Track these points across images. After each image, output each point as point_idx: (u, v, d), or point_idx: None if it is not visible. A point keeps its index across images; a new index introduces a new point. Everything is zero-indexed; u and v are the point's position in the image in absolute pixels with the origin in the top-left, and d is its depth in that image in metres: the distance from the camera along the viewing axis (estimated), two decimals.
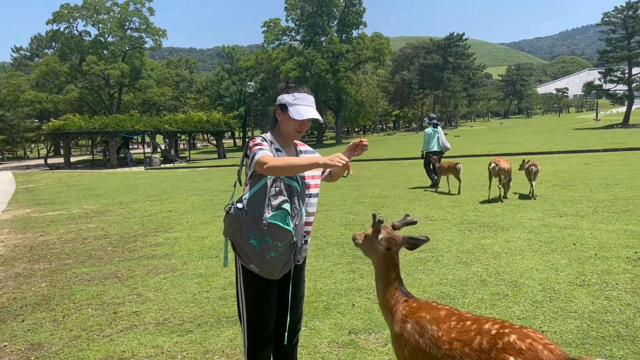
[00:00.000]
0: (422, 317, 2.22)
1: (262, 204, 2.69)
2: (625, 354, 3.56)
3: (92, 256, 7.68)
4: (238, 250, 2.78)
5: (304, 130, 2.91)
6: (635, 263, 5.64)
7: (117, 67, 53.93)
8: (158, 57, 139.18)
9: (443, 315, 2.18)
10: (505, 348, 1.83)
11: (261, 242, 2.67)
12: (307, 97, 2.87)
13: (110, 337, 4.47)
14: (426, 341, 2.14)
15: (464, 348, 1.98)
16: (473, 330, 2.00)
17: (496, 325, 1.97)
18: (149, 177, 25.15)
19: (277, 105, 2.92)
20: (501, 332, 1.91)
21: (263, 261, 2.70)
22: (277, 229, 2.65)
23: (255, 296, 2.87)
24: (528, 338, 1.84)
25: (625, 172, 14.02)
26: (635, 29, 49.49)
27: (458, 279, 5.49)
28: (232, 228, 2.74)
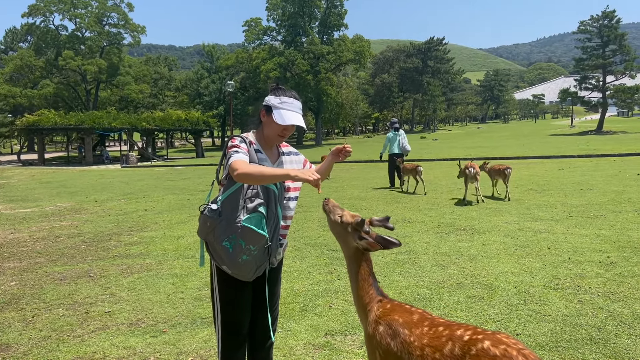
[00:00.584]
0: (395, 320, 2.19)
1: (237, 206, 2.65)
2: (598, 357, 3.61)
3: (65, 255, 7.51)
4: (211, 250, 2.74)
5: (286, 135, 2.86)
6: (607, 267, 5.74)
7: (94, 63, 53.04)
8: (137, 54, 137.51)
9: (416, 320, 2.15)
10: (479, 355, 1.81)
11: (234, 244, 2.62)
12: (294, 102, 2.82)
13: (81, 337, 4.36)
14: (398, 345, 2.11)
15: (435, 354, 1.95)
16: (445, 336, 1.97)
17: (468, 331, 1.94)
18: (125, 175, 24.79)
19: (262, 106, 2.86)
20: (474, 339, 1.88)
21: (235, 264, 2.65)
22: (250, 232, 2.60)
23: (229, 297, 2.83)
24: (502, 344, 1.82)
25: (599, 178, 14.30)
26: (610, 38, 50.54)
27: (434, 282, 5.51)
28: (206, 228, 2.70)
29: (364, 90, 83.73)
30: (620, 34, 50.43)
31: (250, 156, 2.72)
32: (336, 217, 2.53)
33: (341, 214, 2.53)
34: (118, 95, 61.73)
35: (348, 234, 2.47)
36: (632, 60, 50.16)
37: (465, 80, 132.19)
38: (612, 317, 4.32)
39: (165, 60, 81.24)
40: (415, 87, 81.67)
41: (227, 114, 57.80)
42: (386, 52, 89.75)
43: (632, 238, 7.06)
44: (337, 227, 2.53)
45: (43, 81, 56.95)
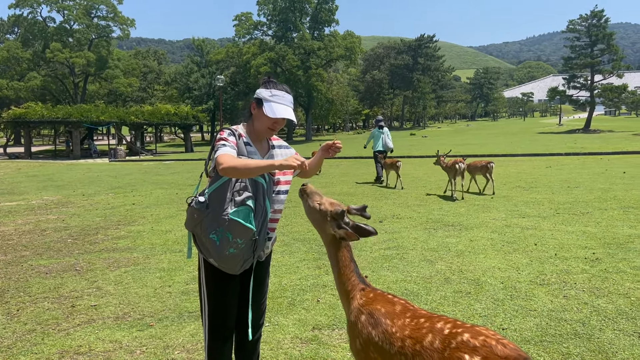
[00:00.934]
0: (377, 309, 2.20)
1: (224, 199, 2.63)
2: (582, 352, 3.64)
3: (51, 248, 7.44)
4: (199, 243, 2.72)
5: (277, 128, 2.84)
6: (592, 264, 5.80)
7: (83, 56, 52.55)
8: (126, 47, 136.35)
9: (398, 311, 2.16)
10: (460, 347, 1.83)
11: (221, 237, 2.61)
12: (285, 95, 2.80)
13: (67, 331, 4.33)
14: (379, 335, 2.12)
15: (415, 346, 1.97)
16: (426, 328, 2.00)
17: (448, 324, 1.97)
18: (113, 169, 24.60)
19: (253, 98, 2.84)
20: (454, 332, 1.90)
21: (222, 257, 2.64)
22: (238, 225, 2.59)
23: (216, 290, 2.82)
24: (481, 335, 1.85)
25: (585, 176, 14.44)
26: (599, 38, 50.99)
27: (422, 277, 5.53)
28: (194, 221, 2.68)
29: (355, 87, 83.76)
30: (609, 34, 50.91)
31: (239, 149, 2.71)
32: (315, 204, 2.52)
33: (320, 201, 2.52)
34: (106, 88, 61.28)
35: (326, 222, 2.47)
36: (619, 60, 50.68)
37: (455, 77, 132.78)
38: (596, 312, 4.37)
39: (155, 53, 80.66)
40: (406, 84, 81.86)
41: (217, 109, 57.54)
42: (377, 49, 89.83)
43: (617, 235, 7.13)
44: (315, 214, 2.52)
45: (30, 73, 56.33)
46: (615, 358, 3.53)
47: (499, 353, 1.76)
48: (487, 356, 1.76)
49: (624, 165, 16.99)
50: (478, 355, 1.78)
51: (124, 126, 41.32)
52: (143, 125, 42.06)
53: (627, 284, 5.06)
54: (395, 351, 2.04)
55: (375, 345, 2.13)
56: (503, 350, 1.76)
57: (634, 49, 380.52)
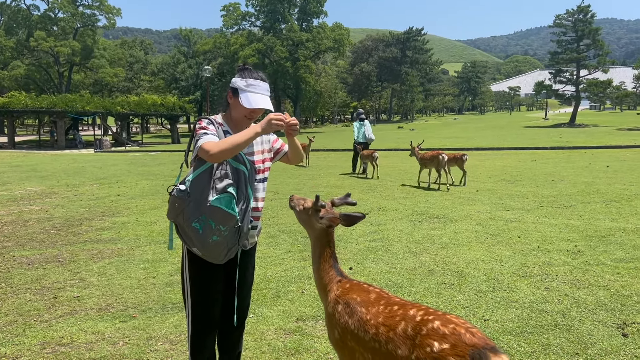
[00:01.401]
0: (353, 298, 2.26)
1: (206, 187, 2.62)
2: (561, 342, 3.70)
3: (34, 239, 7.36)
4: (181, 232, 2.71)
5: (254, 117, 2.82)
6: (574, 256, 5.88)
7: (68, 45, 51.75)
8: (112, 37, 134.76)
9: (373, 299, 2.23)
10: (430, 334, 1.89)
11: (204, 225, 2.59)
12: (261, 84, 2.76)
13: (49, 322, 4.30)
14: (355, 323, 2.18)
15: (389, 333, 2.03)
16: (399, 316, 2.06)
17: (421, 311, 2.03)
18: (99, 160, 24.36)
19: (229, 87, 2.82)
20: (425, 319, 1.96)
21: (205, 245, 2.63)
22: (220, 212, 2.58)
23: (200, 280, 2.81)
24: (451, 323, 1.90)
25: (570, 170, 14.60)
26: (585, 33, 51.37)
27: (406, 268, 5.57)
28: (175, 210, 2.66)
29: (343, 79, 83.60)
30: (594, 29, 51.31)
31: (219, 137, 2.70)
32: (300, 207, 2.64)
33: (304, 203, 2.63)
34: (92, 78, 60.46)
35: (311, 218, 2.56)
36: (604, 55, 51.13)
37: (443, 71, 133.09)
38: (577, 303, 4.44)
39: (142, 43, 79.73)
40: (394, 77, 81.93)
41: (204, 100, 57.19)
42: (365, 41, 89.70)
43: (599, 228, 7.23)
44: (303, 215, 2.63)
45: (13, 62, 55.37)
46: (594, 349, 3.59)
47: (467, 341, 1.81)
48: (455, 344, 1.81)
49: (607, 160, 17.20)
50: (447, 343, 1.83)
51: (110, 116, 40.87)
52: (129, 115, 41.69)
53: (607, 276, 5.14)
54: (369, 338, 2.10)
55: (351, 334, 2.18)
56: (471, 339, 1.82)
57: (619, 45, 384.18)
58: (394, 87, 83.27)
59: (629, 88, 78.13)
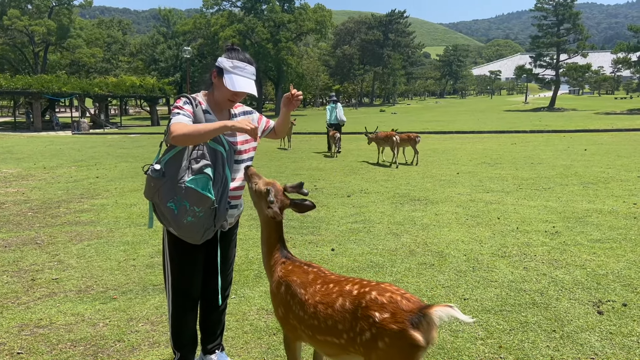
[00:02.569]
0: (293, 280, 2.36)
1: (182, 167, 2.59)
2: (539, 320, 3.77)
3: (10, 221, 7.23)
4: (158, 212, 2.68)
5: (237, 100, 2.78)
6: (552, 237, 5.97)
7: (43, 24, 50.39)
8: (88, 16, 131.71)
9: (310, 279, 2.32)
10: (369, 305, 1.99)
11: (179, 205, 2.57)
12: (247, 67, 2.71)
13: (27, 304, 4.24)
14: (296, 304, 2.29)
15: (327, 310, 2.13)
16: (335, 293, 2.16)
17: (356, 285, 2.13)
18: (77, 142, 23.95)
19: (214, 66, 2.75)
20: (362, 292, 2.06)
21: (180, 225, 2.61)
22: (195, 194, 2.55)
23: (180, 260, 2.79)
24: (387, 292, 2.01)
25: (549, 153, 14.79)
26: (565, 17, 51.72)
27: (388, 249, 5.60)
28: (151, 189, 2.63)
29: (325, 62, 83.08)
30: (575, 13, 51.67)
31: (196, 117, 2.64)
32: (252, 185, 2.63)
33: (257, 182, 2.60)
34: (68, 59, 59.03)
35: (261, 202, 2.57)
36: (584, 40, 51.64)
37: (425, 54, 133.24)
38: (554, 282, 4.52)
39: (119, 23, 77.92)
40: (376, 60, 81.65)
41: (184, 81, 56.35)
42: (347, 23, 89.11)
43: (576, 209, 7.36)
44: (253, 195, 2.63)
45: None
46: (571, 326, 3.67)
47: (404, 307, 1.93)
48: (394, 312, 1.93)
49: (585, 143, 17.46)
50: (387, 312, 1.94)
51: (88, 98, 40.11)
52: (107, 97, 40.96)
53: (584, 255, 5.24)
54: (308, 316, 2.21)
55: (293, 313, 2.31)
56: (407, 305, 1.94)
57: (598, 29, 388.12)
58: (376, 70, 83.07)
59: (607, 73, 79.19)
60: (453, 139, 21.46)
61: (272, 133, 3.10)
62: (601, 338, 3.48)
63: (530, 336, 3.53)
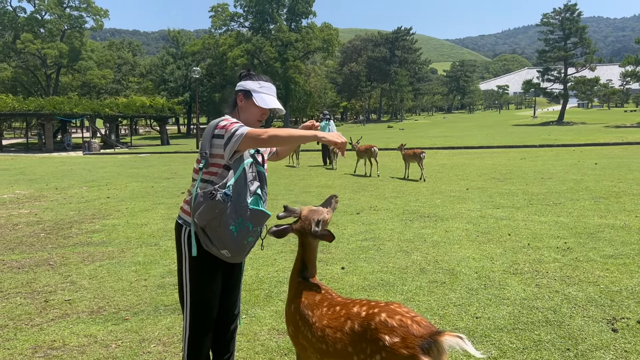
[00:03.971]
0: (301, 302, 2.36)
1: (242, 190, 2.65)
2: (553, 338, 3.73)
3: (23, 243, 7.30)
4: (210, 236, 2.64)
5: (264, 119, 2.90)
6: (564, 253, 5.93)
7: (55, 47, 51.38)
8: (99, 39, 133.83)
9: (317, 301, 2.31)
10: (379, 328, 1.96)
11: (240, 227, 2.62)
12: (272, 87, 2.87)
13: (40, 326, 4.27)
14: (304, 325, 2.29)
15: (336, 334, 2.11)
16: (343, 316, 2.13)
17: (364, 307, 2.10)
18: (88, 162, 24.19)
19: (238, 90, 2.82)
20: (371, 314, 2.04)
21: (239, 247, 2.65)
22: (258, 214, 2.65)
23: (203, 284, 2.80)
24: (397, 314, 1.98)
25: (559, 167, 14.72)
26: (572, 31, 51.84)
27: (398, 267, 5.59)
28: (211, 214, 2.59)
29: (332, 79, 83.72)
30: (581, 27, 51.79)
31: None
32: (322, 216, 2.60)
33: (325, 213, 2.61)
34: (80, 80, 60.05)
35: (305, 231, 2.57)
36: (592, 53, 51.63)
37: (432, 70, 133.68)
38: (567, 300, 4.48)
39: (130, 45, 79.29)
40: (383, 76, 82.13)
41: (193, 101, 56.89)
42: (354, 41, 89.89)
43: (588, 225, 7.30)
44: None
45: (0, 65, 54.85)
46: (585, 344, 3.63)
47: (415, 332, 1.90)
48: (404, 336, 1.90)
49: (595, 157, 17.37)
50: (397, 336, 1.91)
51: (98, 119, 40.63)
52: (118, 117, 41.44)
53: (596, 272, 5.19)
54: (316, 340, 2.20)
55: (302, 333, 2.30)
56: (418, 329, 1.91)
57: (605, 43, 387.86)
58: (383, 87, 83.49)
59: (615, 86, 78.92)
60: (462, 154, 21.44)
61: (275, 155, 3.19)
62: (616, 356, 3.44)
63: (544, 355, 3.50)
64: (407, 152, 13.75)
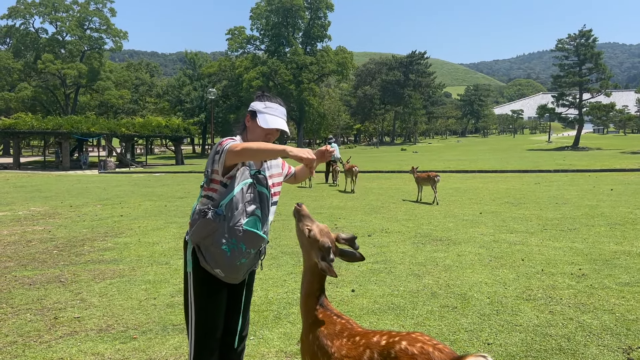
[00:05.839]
0: (321, 331, 2.28)
1: (237, 210, 2.64)
2: None
3: (36, 259, 7.36)
4: (203, 254, 2.67)
5: (270, 140, 2.86)
6: (579, 279, 5.82)
7: (75, 67, 52.48)
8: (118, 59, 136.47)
9: (337, 331, 2.24)
10: (399, 356, 1.90)
11: (233, 247, 2.61)
12: (279, 108, 2.86)
13: (49, 343, 4.27)
14: (323, 355, 2.22)
15: None
16: (362, 345, 2.07)
17: (384, 336, 2.05)
18: (103, 180, 24.46)
19: (248, 111, 2.88)
20: (391, 342, 1.98)
21: (232, 267, 2.64)
22: (252, 236, 2.62)
23: (207, 302, 2.79)
24: (418, 342, 1.92)
25: (573, 192, 14.55)
26: (587, 56, 51.67)
27: (409, 291, 5.52)
28: (204, 232, 2.63)
29: (346, 102, 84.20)
30: (597, 53, 51.61)
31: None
32: (304, 228, 2.48)
33: (310, 227, 2.47)
34: (98, 100, 61.09)
35: (312, 249, 2.43)
36: (607, 79, 51.32)
37: (445, 94, 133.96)
38: (581, 327, 4.38)
39: (147, 66, 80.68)
40: (397, 99, 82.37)
41: (208, 122, 57.52)
42: (369, 65, 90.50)
43: (603, 251, 7.18)
44: (303, 238, 2.49)
45: (21, 84, 56.15)
46: None
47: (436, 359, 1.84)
48: None
49: (611, 183, 17.16)
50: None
51: (115, 138, 41.16)
52: (134, 137, 41.93)
53: (612, 299, 5.09)
54: None
55: None
56: (440, 356, 1.84)
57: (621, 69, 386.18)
58: (397, 110, 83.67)
59: (632, 111, 78.30)
60: (475, 177, 21.31)
61: (292, 178, 3.21)
62: None
63: None
64: (420, 175, 13.72)
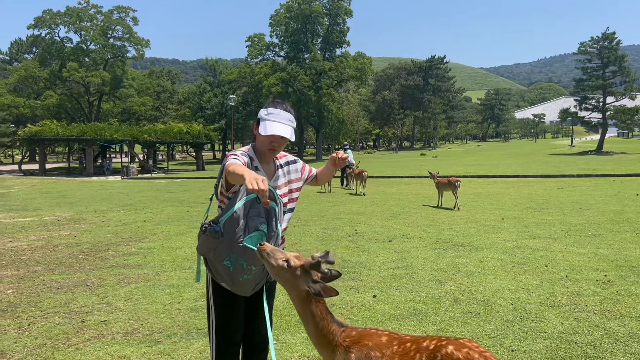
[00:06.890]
0: (365, 345, 2.21)
1: (239, 226, 2.61)
2: None
3: (63, 264, 7.51)
4: (210, 266, 2.72)
5: (276, 147, 2.81)
6: (604, 286, 5.74)
7: (98, 75, 53.43)
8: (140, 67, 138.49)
9: (385, 341, 2.21)
10: (444, 359, 1.93)
11: (235, 263, 2.61)
12: (282, 113, 2.77)
13: (76, 346, 4.36)
14: None
15: None
16: (413, 350, 2.08)
17: (433, 341, 2.06)
18: (126, 186, 24.82)
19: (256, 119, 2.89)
20: (439, 345, 2.00)
21: (235, 282, 2.66)
22: (253, 252, 2.57)
23: (225, 307, 2.84)
24: (464, 347, 1.94)
25: (598, 198, 14.32)
26: (610, 59, 50.82)
27: (431, 297, 5.51)
28: (206, 247, 2.68)
29: (365, 107, 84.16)
30: (621, 56, 50.73)
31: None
32: (280, 263, 2.34)
33: (286, 258, 2.35)
34: (121, 107, 62.08)
35: (297, 278, 2.32)
36: (632, 82, 50.40)
37: (466, 98, 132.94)
38: (607, 335, 4.32)
39: (169, 73, 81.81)
40: (416, 104, 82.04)
41: (229, 128, 58.08)
42: (388, 70, 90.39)
43: (629, 257, 7.06)
44: (284, 273, 2.34)
45: (47, 92, 57.39)
46: None
47: None
48: None
49: (637, 188, 16.84)
50: None
51: (137, 144, 41.78)
52: (155, 143, 42.50)
53: (639, 307, 5.00)
54: None
55: None
56: None
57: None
58: (416, 115, 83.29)
59: None
60: (497, 182, 21.10)
61: (314, 180, 3.19)
62: None
63: None
64: (441, 180, 13.63)
